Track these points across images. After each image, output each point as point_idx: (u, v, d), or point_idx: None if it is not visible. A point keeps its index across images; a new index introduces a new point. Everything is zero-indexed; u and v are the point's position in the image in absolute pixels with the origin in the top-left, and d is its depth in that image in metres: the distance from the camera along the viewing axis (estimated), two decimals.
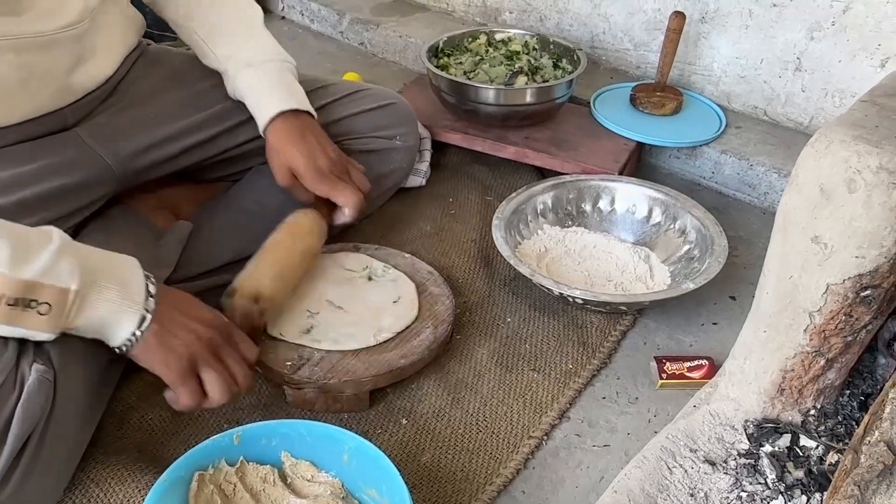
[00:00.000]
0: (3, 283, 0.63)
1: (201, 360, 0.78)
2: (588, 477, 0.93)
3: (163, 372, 0.77)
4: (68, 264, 0.68)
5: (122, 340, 0.73)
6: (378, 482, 0.81)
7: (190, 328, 0.78)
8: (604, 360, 1.09)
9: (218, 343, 0.81)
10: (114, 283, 0.71)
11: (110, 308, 0.71)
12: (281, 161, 1.03)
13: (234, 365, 0.81)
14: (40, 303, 0.65)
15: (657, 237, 1.26)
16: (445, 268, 1.22)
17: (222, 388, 0.80)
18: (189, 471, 0.79)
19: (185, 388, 0.77)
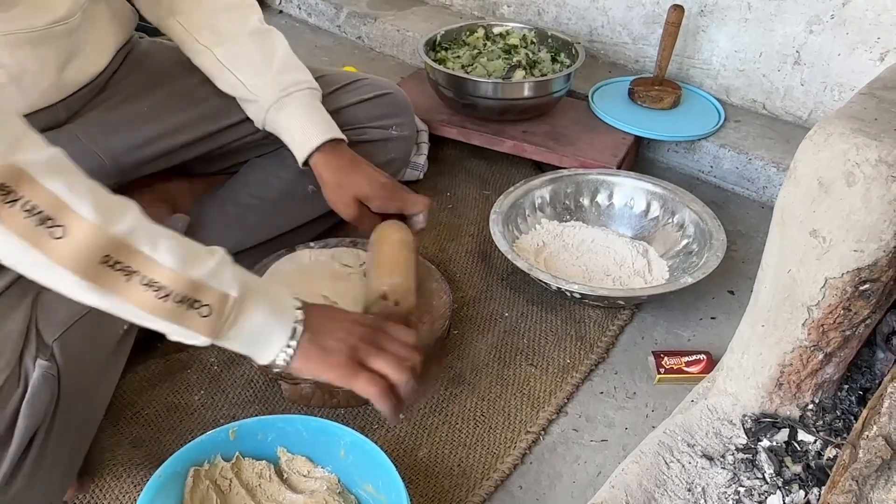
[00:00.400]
0: (174, 280, 0.63)
1: (363, 352, 0.76)
2: (585, 472, 0.93)
3: (330, 374, 0.74)
4: (231, 273, 0.68)
5: (275, 354, 0.72)
6: (375, 477, 0.81)
7: (342, 328, 0.77)
8: (601, 354, 1.08)
9: (373, 335, 0.79)
10: (266, 298, 0.71)
11: (264, 320, 0.70)
12: (346, 193, 1.01)
13: (397, 349, 0.79)
14: (203, 304, 0.65)
15: (655, 231, 1.25)
16: (443, 262, 1.21)
17: (397, 367, 0.77)
18: (184, 466, 0.79)
19: (360, 379, 0.75)
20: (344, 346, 0.75)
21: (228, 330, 0.68)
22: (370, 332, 0.79)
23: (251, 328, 0.70)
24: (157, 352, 1.03)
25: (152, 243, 0.63)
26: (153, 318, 0.64)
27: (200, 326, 0.66)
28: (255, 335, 0.71)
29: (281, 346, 0.72)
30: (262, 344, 0.71)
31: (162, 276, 0.63)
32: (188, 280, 0.64)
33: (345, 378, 0.75)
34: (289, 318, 0.72)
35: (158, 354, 1.03)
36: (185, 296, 0.64)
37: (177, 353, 1.03)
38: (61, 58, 0.89)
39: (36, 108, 0.89)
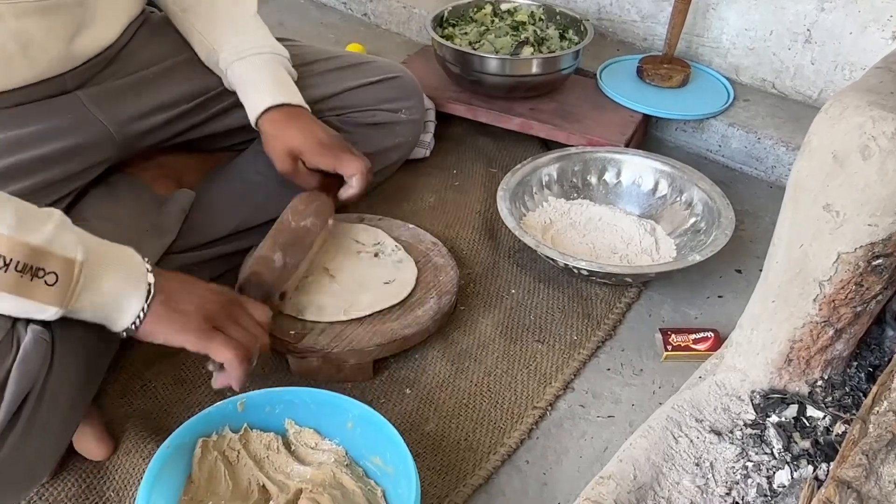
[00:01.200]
0: (11, 246, 0.62)
1: (218, 319, 0.76)
2: (592, 447, 0.93)
3: (184, 338, 0.74)
4: (72, 237, 0.67)
5: (129, 320, 0.71)
6: (382, 450, 0.81)
7: (196, 294, 0.77)
8: (608, 331, 1.08)
9: (228, 306, 0.80)
10: (114, 261, 0.70)
11: (115, 285, 0.69)
12: (279, 145, 1.01)
13: (250, 324, 0.80)
14: (48, 272, 0.64)
15: (663, 210, 1.25)
16: (449, 239, 1.21)
17: (249, 339, 0.78)
18: (193, 437, 0.79)
19: (217, 342, 0.75)
20: (198, 311, 0.75)
21: (80, 296, 0.67)
22: (226, 302, 0.79)
23: (104, 294, 0.69)
24: None
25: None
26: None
27: (48, 296, 0.64)
28: (109, 301, 0.69)
29: (137, 309, 0.71)
30: (117, 309, 0.70)
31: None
32: (28, 246, 0.62)
33: (200, 341, 0.74)
34: (142, 280, 0.71)
35: None
36: (27, 264, 0.62)
37: None
38: (71, 28, 0.88)
39: (43, 78, 0.89)
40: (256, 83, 1.01)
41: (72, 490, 0.83)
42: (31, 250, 0.63)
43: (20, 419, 0.68)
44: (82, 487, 0.84)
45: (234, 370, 0.77)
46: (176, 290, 0.75)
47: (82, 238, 0.68)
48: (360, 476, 0.82)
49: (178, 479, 0.77)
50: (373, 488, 0.81)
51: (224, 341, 0.76)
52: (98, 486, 0.84)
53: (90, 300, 0.68)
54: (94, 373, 0.81)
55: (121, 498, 0.83)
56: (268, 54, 1.03)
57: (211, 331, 0.75)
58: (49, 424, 0.72)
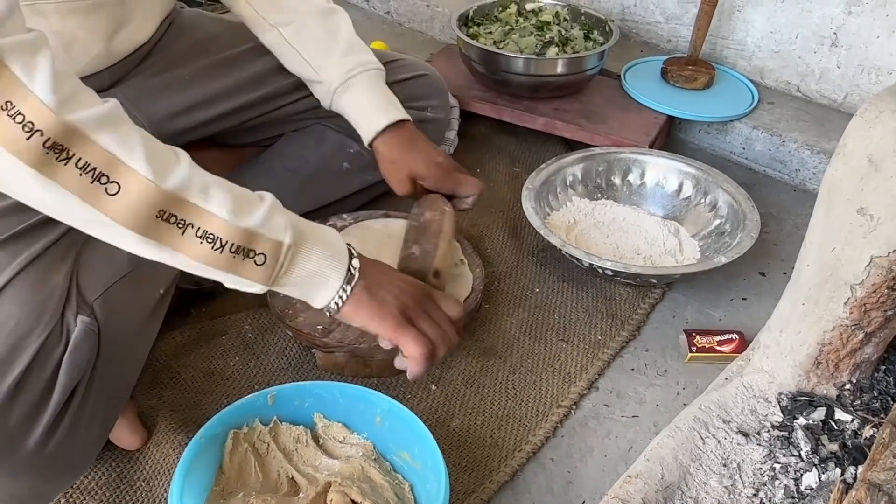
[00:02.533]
0: (227, 229, 0.64)
1: (413, 312, 0.77)
2: (617, 447, 0.93)
3: (379, 326, 0.76)
4: (282, 220, 0.69)
5: (329, 298, 0.73)
6: (410, 445, 0.82)
7: (395, 285, 0.78)
8: (633, 332, 1.08)
9: (424, 299, 0.80)
10: (320, 243, 0.72)
11: (318, 265, 0.72)
12: (400, 170, 1.03)
13: (443, 320, 0.81)
14: (257, 253, 0.66)
15: (687, 211, 1.25)
16: (473, 238, 1.21)
17: (441, 336, 0.79)
18: (224, 428, 0.80)
19: (409, 336, 0.76)
20: (396, 301, 0.77)
21: (283, 276, 0.70)
22: (421, 295, 0.80)
23: (306, 273, 0.71)
24: (192, 317, 1.04)
25: (204, 194, 0.64)
26: (209, 269, 0.66)
27: (256, 275, 0.67)
28: (311, 280, 0.72)
29: (336, 290, 0.73)
30: (318, 287, 0.73)
31: (215, 227, 0.64)
32: (241, 230, 0.65)
33: (394, 331, 0.76)
34: (343, 263, 0.73)
35: (193, 320, 1.04)
36: (240, 246, 0.65)
37: (211, 320, 1.04)
38: (111, 27, 0.89)
39: (82, 75, 0.90)
40: (369, 103, 1.02)
41: (102, 479, 0.85)
42: (245, 233, 0.66)
43: (70, 409, 0.70)
44: (112, 476, 0.85)
45: (416, 366, 0.77)
46: (377, 278, 0.77)
47: (291, 220, 0.71)
48: (387, 470, 0.83)
49: (209, 470, 0.78)
50: (400, 483, 0.82)
51: (415, 336, 0.76)
52: (128, 475, 0.85)
53: (293, 279, 0.71)
54: (135, 363, 0.82)
55: (151, 487, 0.84)
56: (375, 70, 1.03)
57: (405, 323, 0.76)
58: (96, 412, 0.73)
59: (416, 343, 0.76)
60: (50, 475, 0.73)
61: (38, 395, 0.67)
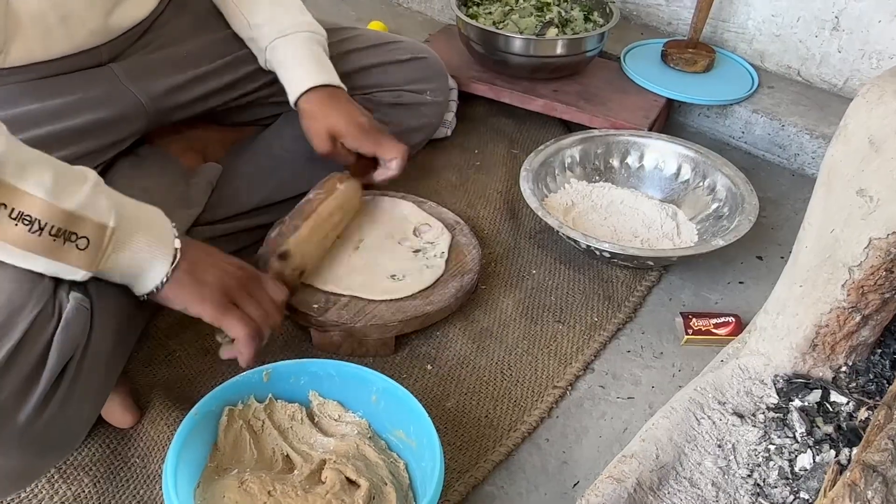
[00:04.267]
0: (48, 211, 0.63)
1: (236, 294, 0.78)
2: (612, 427, 0.93)
3: (200, 308, 0.76)
4: (106, 201, 0.68)
5: (152, 283, 0.73)
6: (406, 423, 0.81)
7: (219, 266, 0.78)
8: (629, 314, 1.08)
9: (248, 282, 0.81)
10: (144, 226, 0.72)
11: (143, 250, 0.71)
12: (319, 126, 1.01)
13: (265, 301, 0.81)
14: (80, 236, 0.65)
15: (685, 195, 1.25)
16: (471, 219, 1.21)
17: (263, 317, 0.80)
18: (219, 405, 0.80)
19: (232, 317, 0.76)
20: (218, 283, 0.76)
21: (108, 259, 0.68)
22: (245, 278, 0.81)
23: (131, 258, 0.70)
24: None
25: (20, 171, 0.62)
26: (28, 254, 0.63)
27: (78, 260, 0.66)
28: (136, 264, 0.71)
29: (163, 274, 0.72)
30: (143, 273, 0.72)
31: (33, 208, 0.62)
32: (62, 211, 0.63)
33: (215, 313, 0.76)
34: (169, 246, 0.73)
35: None
36: (61, 228, 0.63)
37: None
38: (110, 2, 0.89)
39: (80, 50, 0.89)
40: (297, 63, 1.02)
41: (97, 455, 0.84)
42: (65, 215, 0.64)
43: (62, 385, 0.69)
44: (107, 453, 0.85)
45: (243, 347, 0.78)
46: (200, 260, 0.76)
47: (115, 201, 0.69)
48: (382, 449, 0.83)
49: (204, 446, 0.78)
50: (395, 461, 0.82)
51: (238, 317, 0.77)
52: (123, 452, 0.85)
53: (117, 264, 0.70)
54: (127, 340, 0.82)
55: (145, 463, 0.84)
56: (307, 33, 1.03)
57: (227, 305, 0.77)
58: (87, 390, 0.73)
59: (238, 323, 0.76)
60: (40, 451, 0.73)
61: (29, 370, 0.66)
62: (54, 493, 0.80)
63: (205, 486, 0.76)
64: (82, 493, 0.81)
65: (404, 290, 1.00)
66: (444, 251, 1.07)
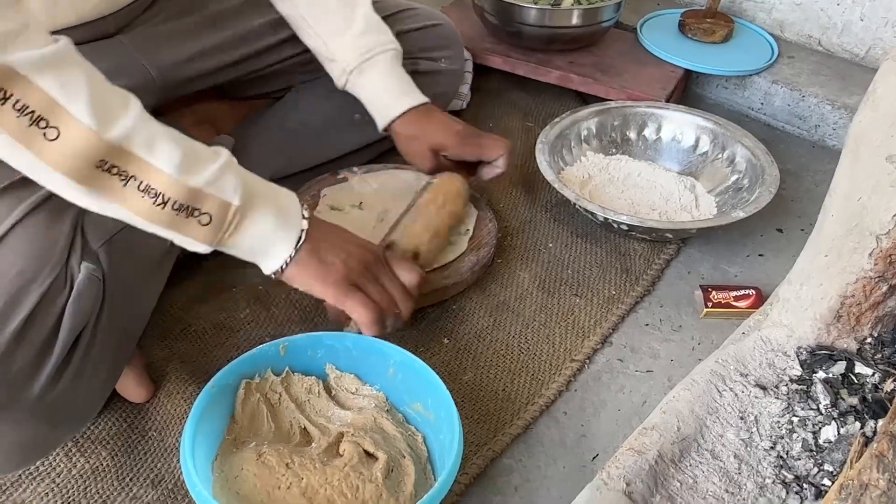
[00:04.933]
0: (171, 186, 0.63)
1: (360, 276, 0.76)
2: (630, 401, 0.92)
3: (323, 289, 0.75)
4: (233, 180, 0.67)
5: (276, 264, 0.73)
6: (423, 396, 0.81)
7: (344, 248, 0.77)
8: (647, 287, 1.07)
9: (374, 264, 0.79)
10: (272, 207, 0.71)
11: (266, 230, 0.71)
12: (422, 147, 1.02)
13: (391, 286, 0.80)
14: (202, 212, 0.65)
15: (703, 167, 1.23)
16: (485, 192, 1.19)
17: (389, 302, 0.78)
18: (236, 378, 0.79)
19: (354, 300, 0.75)
20: (342, 265, 0.75)
21: (229, 238, 0.69)
22: (372, 260, 0.79)
23: (254, 237, 0.70)
24: (203, 269, 1.03)
25: (149, 147, 0.62)
26: (150, 224, 0.64)
27: (199, 234, 0.66)
28: (259, 245, 0.71)
29: (286, 255, 0.72)
30: (266, 253, 0.72)
31: (159, 182, 0.62)
32: (186, 188, 0.64)
33: (338, 295, 0.75)
34: (295, 228, 0.72)
35: (204, 272, 1.03)
36: (183, 204, 0.64)
37: (222, 272, 1.03)
38: None
39: (86, 20, 0.87)
40: (385, 89, 1.00)
41: (113, 429, 0.84)
42: (190, 191, 0.64)
43: (74, 357, 0.69)
44: (124, 426, 0.85)
45: (364, 330, 0.78)
46: (325, 240, 0.75)
47: (245, 181, 0.69)
48: (400, 422, 0.82)
49: (221, 419, 0.78)
50: (413, 434, 0.81)
51: (361, 301, 0.75)
52: (140, 426, 0.85)
53: (240, 241, 0.70)
54: (141, 312, 0.81)
55: (163, 437, 0.84)
56: (391, 51, 1.00)
57: (350, 287, 0.76)
58: (101, 362, 0.73)
59: (361, 307, 0.75)
60: (54, 423, 0.73)
61: (41, 342, 0.66)
62: (72, 466, 0.80)
63: (223, 459, 0.75)
64: (100, 465, 0.81)
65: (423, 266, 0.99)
66: (469, 228, 1.06)
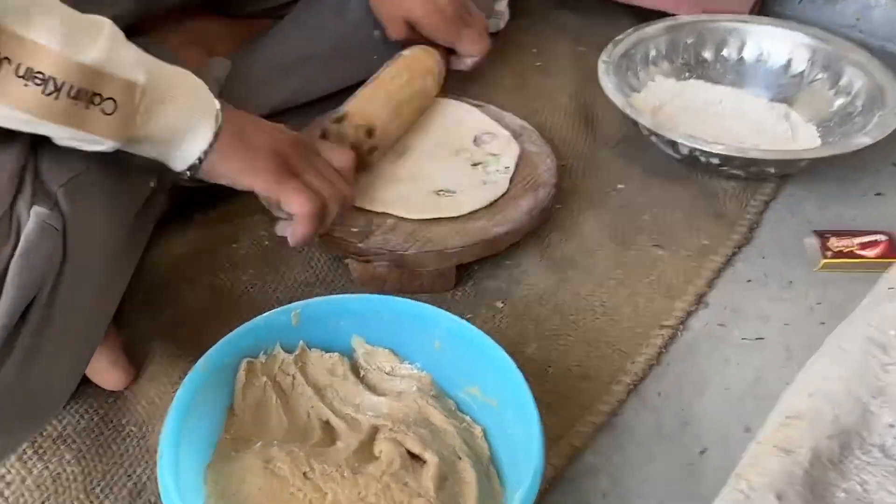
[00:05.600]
0: (61, 66, 0.49)
1: (293, 160, 0.64)
2: (740, 377, 0.72)
3: (253, 178, 0.62)
4: (130, 54, 0.54)
5: (194, 154, 0.59)
6: (482, 376, 0.61)
7: (267, 131, 0.65)
8: (745, 235, 0.86)
9: (303, 148, 0.67)
10: (179, 86, 0.57)
11: (180, 112, 0.57)
12: (396, 11, 0.88)
13: (329, 172, 0.67)
14: (105, 98, 0.51)
15: (799, 91, 1.01)
16: (536, 127, 0.98)
17: (330, 189, 0.65)
18: (235, 357, 0.60)
19: (292, 187, 0.63)
20: (271, 149, 0.63)
21: (142, 126, 0.55)
22: (300, 144, 0.67)
23: (167, 123, 0.56)
24: (195, 223, 0.84)
25: (24, 17, 0.48)
26: (42, 121, 0.50)
27: (104, 128, 0.52)
28: (173, 132, 0.57)
29: (204, 145, 0.59)
30: (182, 141, 0.58)
31: (45, 62, 0.48)
32: (79, 67, 0.50)
33: (271, 183, 0.62)
34: (210, 108, 0.59)
35: (196, 226, 0.83)
36: (81, 88, 0.50)
37: (219, 225, 0.83)
38: None
39: None
40: None
41: (81, 425, 0.65)
42: (85, 71, 0.50)
43: (24, 330, 0.50)
44: (94, 421, 0.66)
45: (303, 223, 0.64)
46: (247, 123, 0.63)
47: (141, 57, 0.54)
48: (452, 411, 0.63)
49: (216, 411, 0.59)
50: (470, 426, 0.62)
51: (298, 188, 0.63)
52: (114, 419, 0.66)
53: (152, 131, 0.56)
54: (117, 278, 0.62)
55: (144, 434, 0.65)
56: None
57: (285, 173, 0.64)
58: (63, 340, 0.54)
59: (299, 196, 0.63)
60: (6, 421, 0.54)
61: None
62: (27, 474, 0.62)
63: (219, 466, 0.56)
64: (63, 472, 0.62)
65: (451, 208, 0.79)
66: (510, 165, 0.85)
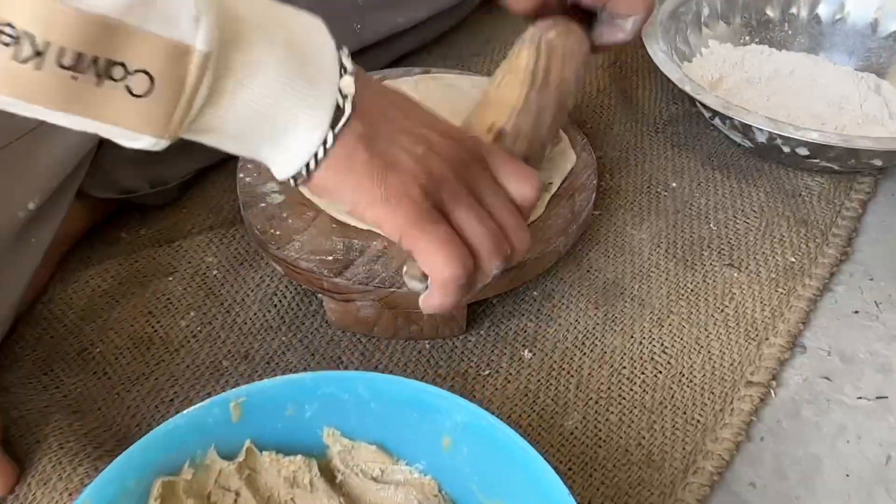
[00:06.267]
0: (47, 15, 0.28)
1: (449, 190, 0.40)
2: (863, 454, 0.53)
3: (380, 212, 0.39)
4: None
5: (303, 157, 0.37)
6: (510, 486, 0.42)
7: (417, 134, 0.40)
8: (842, 248, 0.66)
9: (469, 164, 0.42)
10: (279, 43, 0.34)
11: (274, 90, 0.34)
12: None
13: (498, 203, 0.42)
14: (130, 70, 0.30)
15: (892, 56, 0.81)
16: None
17: (490, 239, 0.41)
18: (144, 476, 0.40)
19: (432, 239, 0.39)
20: (419, 168, 0.39)
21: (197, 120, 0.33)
22: (461, 151, 0.41)
23: (247, 113, 0.34)
24: (121, 246, 0.64)
25: None
26: (31, 105, 0.30)
27: (134, 118, 0.31)
28: (260, 119, 0.35)
29: (318, 140, 0.36)
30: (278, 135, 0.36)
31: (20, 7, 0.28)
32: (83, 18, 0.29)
33: (408, 226, 0.39)
34: (328, 87, 0.36)
35: (122, 251, 0.63)
36: (82, 53, 0.29)
37: (152, 250, 0.63)
38: None
39: None
40: None
41: None
42: (89, 25, 0.29)
43: None
44: None
45: (442, 293, 0.41)
46: (385, 117, 0.39)
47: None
48: None
49: None
50: None
51: (443, 238, 0.39)
52: None
53: (221, 123, 0.34)
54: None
55: None
56: None
57: (429, 211, 0.39)
58: None
59: (445, 251, 0.39)
60: None
61: None
62: None
63: None
64: None
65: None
66: (553, 182, 0.63)
